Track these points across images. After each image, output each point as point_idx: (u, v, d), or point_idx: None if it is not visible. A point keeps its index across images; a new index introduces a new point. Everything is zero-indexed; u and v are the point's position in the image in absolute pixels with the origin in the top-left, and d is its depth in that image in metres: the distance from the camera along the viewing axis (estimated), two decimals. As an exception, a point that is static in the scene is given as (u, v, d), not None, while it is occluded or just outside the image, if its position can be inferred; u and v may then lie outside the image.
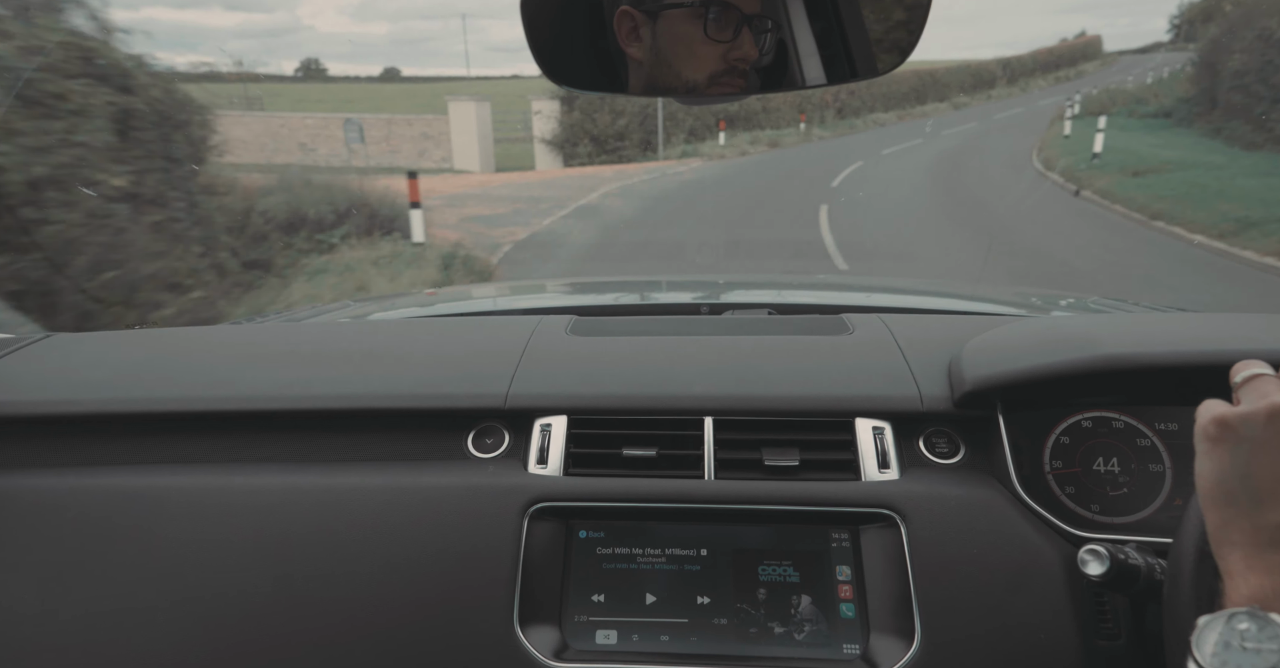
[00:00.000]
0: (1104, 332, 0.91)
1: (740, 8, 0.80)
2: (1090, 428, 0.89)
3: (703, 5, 0.80)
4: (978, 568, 0.79)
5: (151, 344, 1.16)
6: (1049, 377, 0.86)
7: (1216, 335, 0.91)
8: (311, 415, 0.96)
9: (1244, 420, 0.56)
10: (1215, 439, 0.57)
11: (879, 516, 0.83)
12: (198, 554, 0.84)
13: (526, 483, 0.87)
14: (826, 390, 0.93)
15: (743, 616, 0.80)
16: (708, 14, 0.79)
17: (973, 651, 0.76)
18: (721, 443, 0.89)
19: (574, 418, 0.92)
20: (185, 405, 0.96)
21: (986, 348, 0.94)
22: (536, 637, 0.79)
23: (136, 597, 0.83)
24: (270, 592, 0.82)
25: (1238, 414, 0.57)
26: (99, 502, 0.88)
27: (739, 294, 1.69)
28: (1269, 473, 0.54)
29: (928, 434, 0.92)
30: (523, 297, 1.92)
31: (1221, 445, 0.57)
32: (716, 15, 0.80)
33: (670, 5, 0.81)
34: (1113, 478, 0.86)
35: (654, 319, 1.26)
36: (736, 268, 7.54)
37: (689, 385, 0.94)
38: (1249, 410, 0.56)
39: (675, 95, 0.86)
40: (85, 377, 1.02)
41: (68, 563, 0.85)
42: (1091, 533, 0.81)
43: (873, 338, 1.06)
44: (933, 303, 1.63)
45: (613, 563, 0.84)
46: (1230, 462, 0.56)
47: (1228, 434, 0.56)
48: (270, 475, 0.91)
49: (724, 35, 0.80)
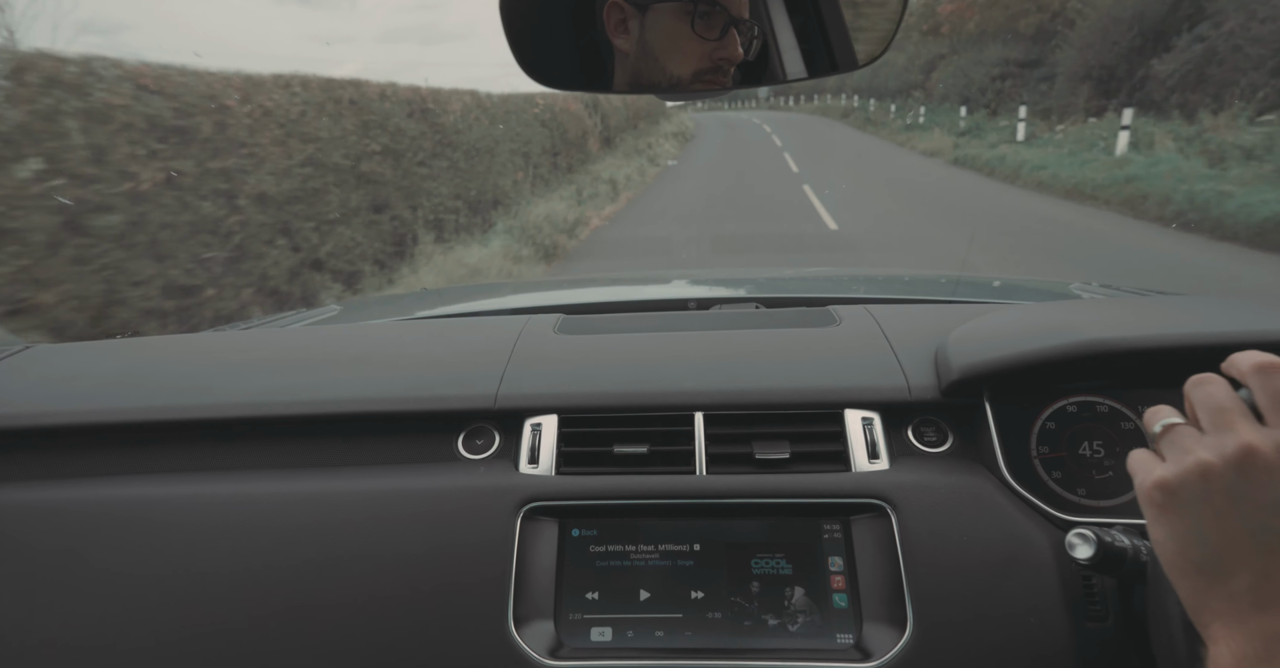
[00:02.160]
0: (1087, 317, 0.92)
1: (728, 9, 0.80)
2: (1075, 413, 0.90)
3: (691, 2, 0.80)
4: (968, 555, 0.80)
5: (134, 353, 1.14)
6: (1034, 363, 0.86)
7: (1196, 319, 0.92)
8: (299, 421, 0.95)
9: (1181, 482, 0.53)
10: (1162, 505, 0.54)
11: (870, 506, 0.84)
12: (187, 565, 0.83)
13: (518, 483, 0.87)
14: (815, 382, 0.94)
15: (737, 609, 0.81)
16: (696, 10, 0.80)
17: (964, 636, 0.77)
18: (712, 438, 0.90)
19: (564, 417, 0.92)
20: (170, 414, 0.95)
21: (972, 336, 0.94)
22: (531, 636, 0.79)
23: (125, 610, 0.82)
24: (263, 597, 0.81)
25: (1175, 476, 0.53)
26: (85, 514, 0.87)
27: (726, 289, 1.70)
28: (1224, 535, 0.51)
29: (916, 424, 0.92)
30: (510, 296, 1.91)
31: (1170, 511, 0.54)
32: (705, 13, 0.80)
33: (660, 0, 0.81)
34: (1098, 462, 0.87)
35: (642, 316, 1.27)
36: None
37: (678, 381, 0.94)
38: (1182, 470, 0.53)
39: (658, 91, 0.86)
40: (68, 387, 1.01)
41: (54, 577, 0.84)
42: (1079, 517, 0.82)
43: (860, 329, 1.07)
44: (918, 292, 1.64)
45: (606, 560, 0.84)
46: (1184, 527, 0.53)
47: (1172, 500, 0.54)
48: (259, 482, 0.90)
49: (711, 33, 0.81)
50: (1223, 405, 0.55)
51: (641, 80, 0.85)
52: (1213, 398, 0.55)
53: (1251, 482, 0.51)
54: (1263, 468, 0.51)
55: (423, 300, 1.84)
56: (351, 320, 1.58)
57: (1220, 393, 0.55)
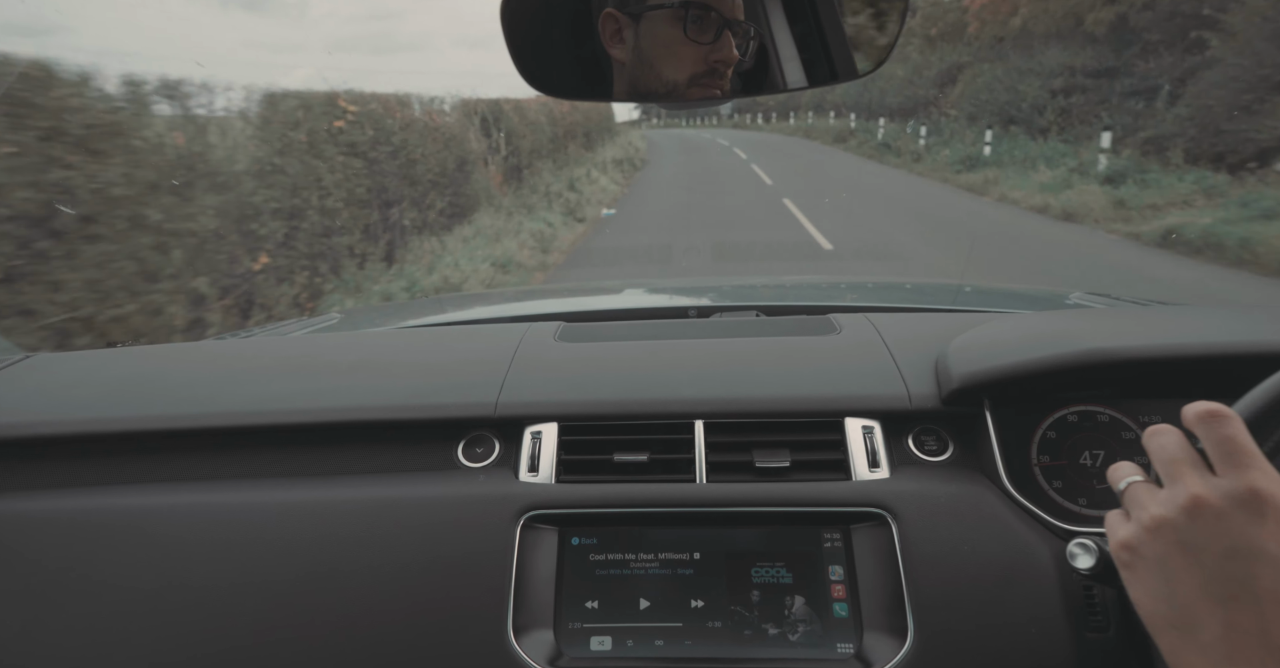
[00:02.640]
0: (1087, 326, 0.92)
1: (720, 11, 0.81)
2: (1076, 422, 0.89)
3: (683, 7, 0.80)
4: (969, 565, 0.79)
5: (134, 362, 1.14)
6: (1035, 372, 0.86)
7: (1195, 328, 0.92)
8: (299, 429, 0.95)
9: (1140, 540, 0.54)
10: (1129, 565, 0.56)
11: (870, 515, 0.84)
12: (188, 573, 0.83)
13: (518, 491, 0.87)
14: (815, 391, 0.94)
15: (737, 618, 0.81)
16: (688, 15, 0.80)
17: (965, 646, 0.76)
18: (712, 446, 0.90)
19: (564, 425, 0.92)
20: (171, 423, 0.95)
21: (972, 345, 0.94)
22: (531, 645, 0.78)
23: (126, 617, 0.82)
24: (263, 607, 0.81)
25: (1135, 534, 0.55)
26: (84, 524, 0.87)
27: (726, 297, 1.70)
28: (1187, 588, 0.52)
29: (916, 432, 0.92)
30: (510, 304, 1.91)
31: (1137, 570, 0.55)
32: (697, 17, 0.81)
33: (652, 7, 0.82)
34: (1099, 471, 0.87)
35: (642, 324, 1.27)
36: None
37: (678, 389, 0.94)
38: (1140, 528, 0.54)
39: (657, 99, 0.86)
40: (68, 396, 1.01)
41: (55, 586, 0.83)
42: (1080, 527, 0.82)
43: (860, 337, 1.07)
44: (919, 300, 1.64)
45: (606, 569, 0.84)
46: (1153, 584, 0.54)
47: (1137, 559, 0.55)
48: (260, 491, 0.90)
49: (704, 37, 0.81)
50: (1174, 457, 0.55)
51: (639, 89, 0.85)
52: (1165, 450, 0.56)
53: (1203, 532, 0.52)
54: (1212, 518, 0.52)
55: (423, 308, 1.84)
56: (351, 328, 1.59)
57: (1171, 444, 0.56)
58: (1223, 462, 0.53)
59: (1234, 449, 0.53)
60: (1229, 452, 0.53)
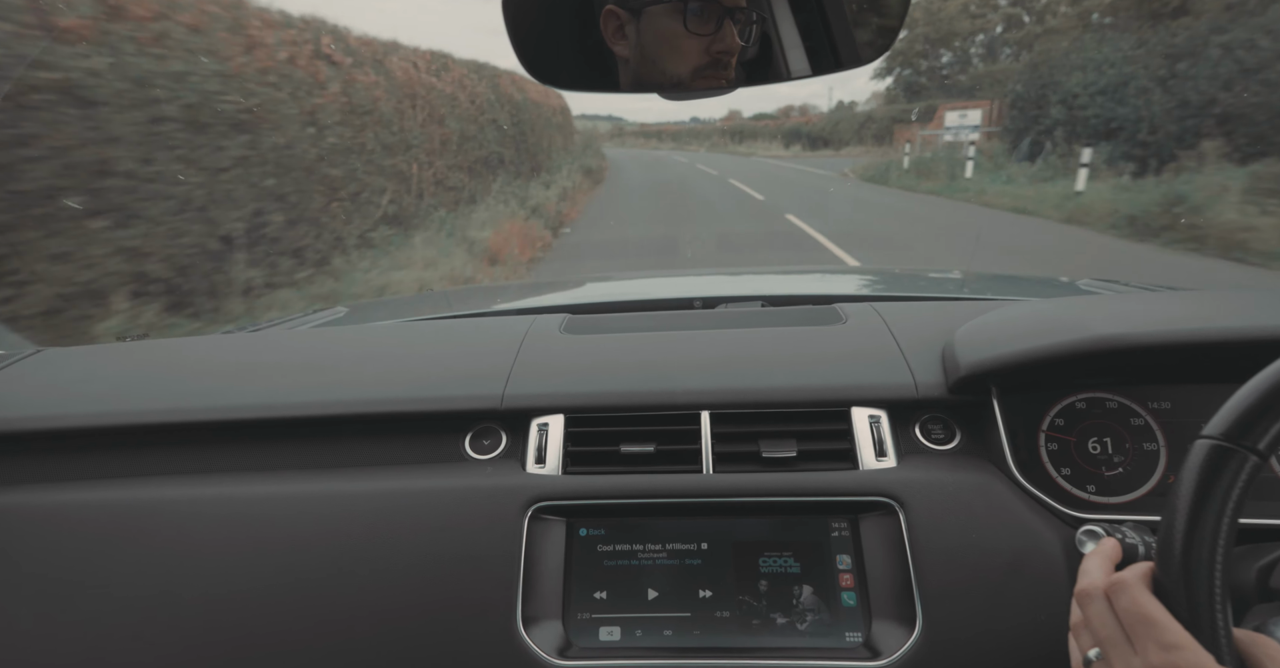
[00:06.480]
0: (1095, 313, 0.92)
1: (720, 0, 0.80)
2: (1084, 409, 0.89)
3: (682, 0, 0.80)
4: (977, 552, 0.79)
5: (144, 356, 1.15)
6: (1042, 360, 0.86)
7: (1204, 314, 0.91)
8: (307, 422, 0.95)
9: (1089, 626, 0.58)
10: None
11: (877, 504, 0.84)
12: (197, 566, 0.84)
13: (525, 483, 0.87)
14: (822, 380, 0.94)
15: (745, 608, 0.81)
16: (687, 8, 0.80)
17: (974, 634, 0.76)
18: (719, 436, 0.90)
19: (571, 416, 0.92)
20: (180, 417, 0.96)
21: (979, 333, 0.94)
22: (540, 636, 0.79)
23: (136, 610, 0.82)
24: (272, 600, 0.82)
25: (1078, 622, 0.59)
26: (96, 516, 0.88)
27: (731, 287, 1.69)
28: None
29: (923, 421, 0.92)
30: (516, 297, 1.91)
31: None
32: (697, 9, 0.80)
33: (652, 1, 0.81)
34: (1107, 458, 0.87)
35: (647, 315, 1.26)
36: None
37: (684, 380, 0.94)
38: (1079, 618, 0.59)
39: (662, 91, 0.86)
40: (78, 390, 1.02)
41: (66, 579, 0.84)
42: (1088, 514, 0.82)
43: (866, 326, 1.07)
44: (924, 289, 1.64)
45: (614, 560, 0.84)
46: None
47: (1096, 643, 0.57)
48: (268, 484, 0.90)
49: (705, 28, 0.81)
50: (1107, 636, 0.56)
51: (644, 82, 0.85)
52: (1100, 626, 0.58)
53: None
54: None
55: (429, 302, 1.84)
56: (358, 322, 1.59)
57: (1097, 619, 0.58)
58: (1134, 638, 0.54)
59: (1132, 622, 0.54)
60: (1130, 625, 0.55)
